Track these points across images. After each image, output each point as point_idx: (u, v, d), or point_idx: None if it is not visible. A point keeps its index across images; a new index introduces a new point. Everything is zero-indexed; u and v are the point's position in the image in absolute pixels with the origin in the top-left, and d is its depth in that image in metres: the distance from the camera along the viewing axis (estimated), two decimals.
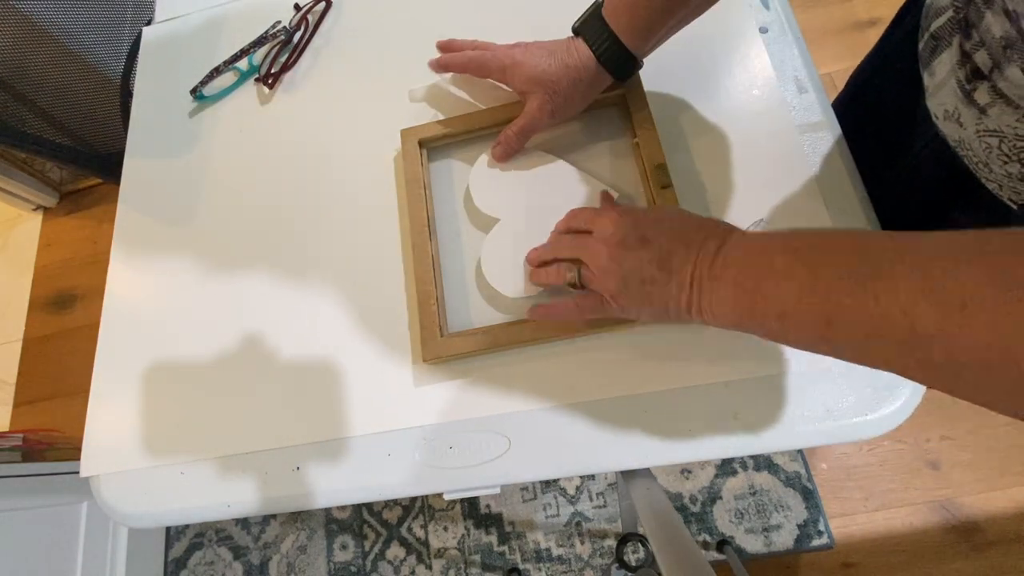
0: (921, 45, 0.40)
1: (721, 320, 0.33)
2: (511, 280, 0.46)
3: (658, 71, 0.51)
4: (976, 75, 0.33)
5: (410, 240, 0.49)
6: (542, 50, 0.45)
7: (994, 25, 0.31)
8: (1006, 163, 0.34)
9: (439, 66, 0.53)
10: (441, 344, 0.45)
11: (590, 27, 0.43)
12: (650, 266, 0.36)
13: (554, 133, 0.52)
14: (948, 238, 0.24)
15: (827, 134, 0.48)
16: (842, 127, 0.48)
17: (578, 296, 0.41)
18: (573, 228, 0.43)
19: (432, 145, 0.53)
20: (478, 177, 0.51)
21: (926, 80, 0.40)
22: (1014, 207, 0.36)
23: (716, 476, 1.11)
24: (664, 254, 0.35)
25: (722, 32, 0.53)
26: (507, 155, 0.49)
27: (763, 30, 0.52)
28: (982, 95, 0.33)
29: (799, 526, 1.06)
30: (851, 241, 0.28)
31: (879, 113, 0.51)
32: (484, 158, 0.51)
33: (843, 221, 0.44)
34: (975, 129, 0.35)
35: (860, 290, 0.25)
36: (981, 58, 0.32)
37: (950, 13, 0.36)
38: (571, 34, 0.46)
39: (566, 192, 0.48)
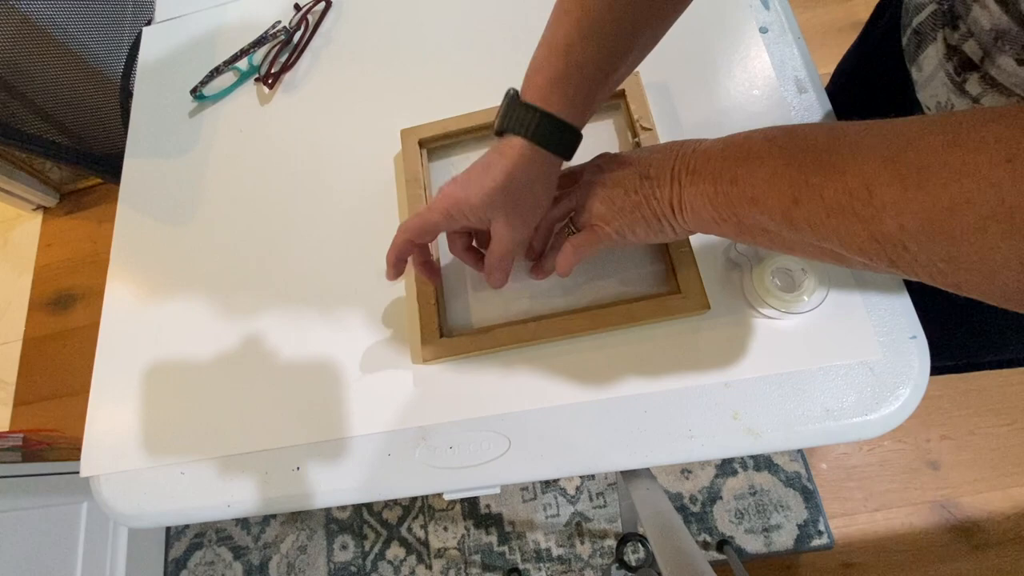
0: (904, 41, 0.40)
1: (700, 214, 0.33)
2: (510, 280, 0.46)
3: (658, 71, 0.51)
4: (966, 66, 0.33)
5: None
6: (477, 170, 0.39)
7: (982, 17, 0.31)
8: None
9: (394, 272, 0.43)
10: (441, 344, 0.45)
11: (513, 118, 0.37)
12: (633, 178, 0.36)
13: None
14: (924, 116, 0.24)
15: None
16: None
17: (571, 238, 0.40)
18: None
19: (432, 145, 0.53)
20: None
21: (914, 74, 0.39)
22: None
23: (716, 476, 1.11)
24: (644, 165, 0.36)
25: (722, 32, 0.53)
26: (504, 281, 0.43)
27: (763, 30, 0.52)
28: (973, 86, 0.33)
29: (799, 526, 1.06)
30: (828, 126, 0.28)
31: (861, 108, 0.51)
32: None
33: None
34: None
35: (829, 167, 0.26)
36: (971, 48, 0.32)
37: (932, 7, 0.35)
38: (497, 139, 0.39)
39: None
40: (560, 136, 0.37)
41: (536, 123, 0.36)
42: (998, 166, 0.20)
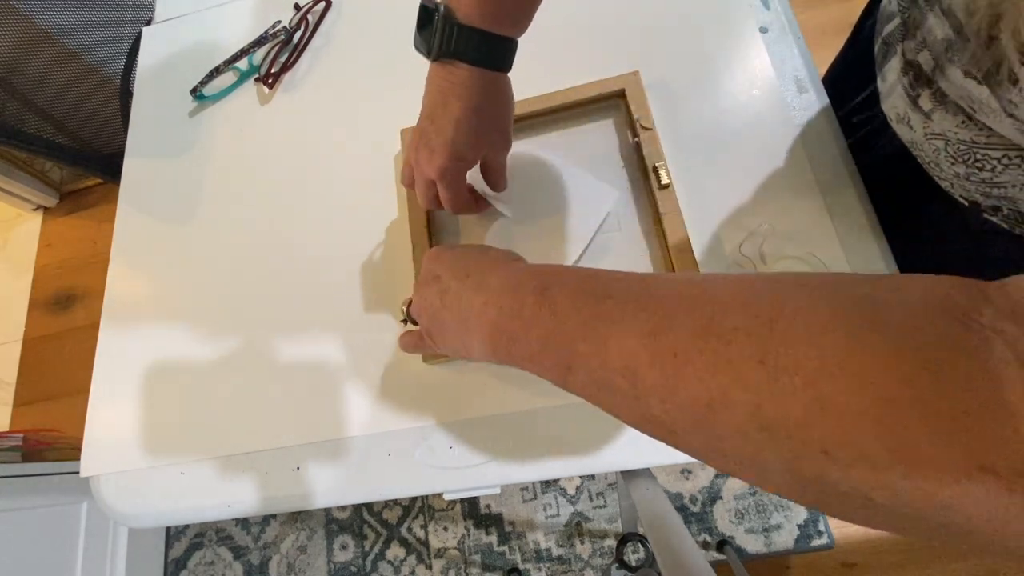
0: (876, 49, 0.40)
1: (486, 358, 0.32)
2: None
3: (658, 71, 0.51)
4: (919, 82, 0.34)
5: (410, 240, 0.49)
6: (437, 118, 0.39)
7: (936, 27, 0.31)
8: (952, 164, 0.34)
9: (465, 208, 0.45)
10: None
11: (455, 42, 0.36)
12: (436, 301, 0.35)
13: (554, 134, 0.52)
14: (686, 283, 0.23)
15: (827, 134, 0.48)
16: None
17: (405, 334, 0.42)
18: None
19: None
20: (479, 175, 0.51)
21: (879, 84, 0.40)
22: (965, 204, 0.37)
23: (716, 476, 1.11)
24: (444, 289, 0.35)
25: (722, 32, 0.53)
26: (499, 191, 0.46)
27: (763, 30, 0.52)
28: (925, 101, 0.34)
29: (799, 526, 1.06)
30: (596, 282, 0.27)
31: (844, 116, 0.51)
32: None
33: (843, 220, 0.44)
34: (923, 132, 0.35)
35: (594, 336, 0.24)
36: (924, 59, 0.33)
37: (898, 19, 0.36)
38: (435, 62, 0.39)
39: (569, 192, 0.48)
40: (504, 55, 0.37)
41: (485, 46, 0.36)
42: (751, 367, 0.18)
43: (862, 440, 0.16)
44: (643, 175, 0.48)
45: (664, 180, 0.45)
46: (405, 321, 0.41)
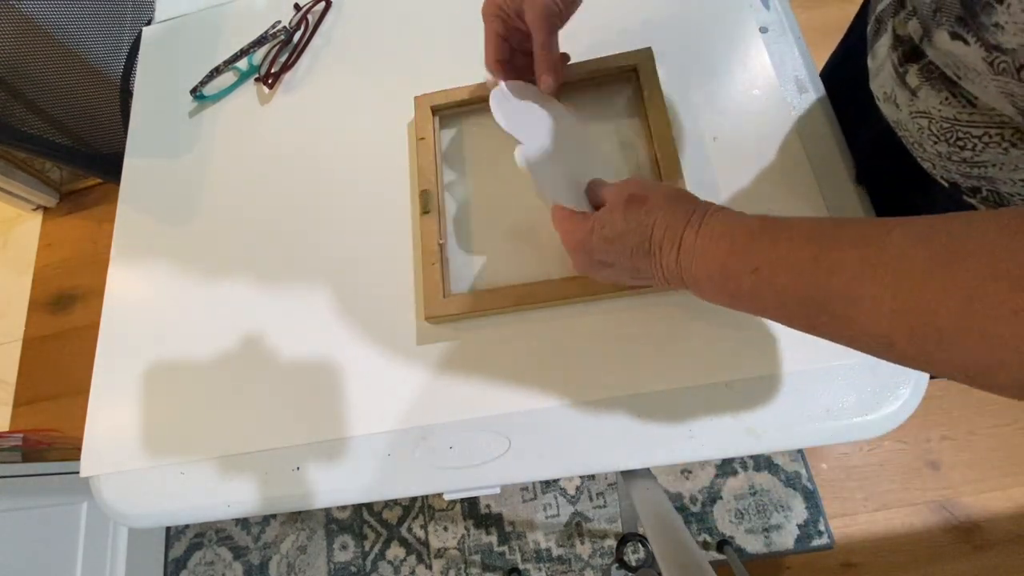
0: (869, 27, 0.41)
1: (703, 294, 0.33)
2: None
3: (658, 71, 0.51)
4: (907, 58, 0.34)
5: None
6: None
7: None
8: (936, 143, 0.35)
9: (499, 74, 0.46)
10: (444, 310, 0.45)
11: None
12: (622, 276, 0.38)
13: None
14: (925, 243, 0.23)
15: (827, 133, 0.48)
16: None
17: (576, 266, 0.40)
18: None
19: (444, 113, 0.53)
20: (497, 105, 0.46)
21: (870, 62, 0.41)
22: (945, 185, 0.37)
23: (716, 476, 1.11)
24: (628, 269, 0.36)
25: (722, 32, 0.53)
26: (557, 76, 0.44)
27: (763, 30, 0.52)
28: (912, 77, 0.34)
29: (799, 526, 1.06)
30: (818, 264, 0.27)
31: (837, 103, 0.51)
32: (498, 90, 0.47)
33: None
34: (908, 110, 0.36)
35: (842, 316, 0.25)
36: (913, 28, 0.33)
37: None
38: None
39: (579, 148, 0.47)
40: None
41: None
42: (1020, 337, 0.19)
43: None
44: (653, 163, 0.48)
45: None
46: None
